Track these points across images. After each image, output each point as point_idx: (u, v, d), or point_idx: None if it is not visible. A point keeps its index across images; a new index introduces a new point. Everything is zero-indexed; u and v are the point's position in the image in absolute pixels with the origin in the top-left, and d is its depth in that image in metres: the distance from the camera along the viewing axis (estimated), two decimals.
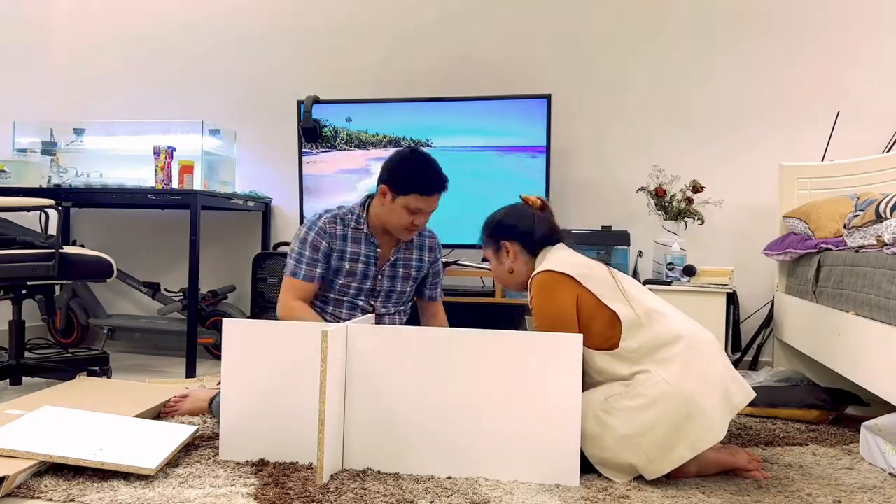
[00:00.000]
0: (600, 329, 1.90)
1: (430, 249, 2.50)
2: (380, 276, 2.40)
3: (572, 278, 1.93)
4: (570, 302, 1.92)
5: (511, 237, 2.11)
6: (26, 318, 2.97)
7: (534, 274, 2.00)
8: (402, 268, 2.44)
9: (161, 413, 2.39)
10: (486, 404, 1.84)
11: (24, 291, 2.85)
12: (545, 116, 3.31)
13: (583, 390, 1.88)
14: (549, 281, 1.95)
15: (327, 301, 2.40)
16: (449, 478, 1.84)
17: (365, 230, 2.38)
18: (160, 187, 3.39)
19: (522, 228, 2.11)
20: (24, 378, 2.92)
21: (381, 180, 2.34)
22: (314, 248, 2.34)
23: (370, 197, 2.42)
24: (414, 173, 2.30)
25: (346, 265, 2.36)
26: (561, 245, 2.10)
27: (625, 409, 1.81)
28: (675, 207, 3.28)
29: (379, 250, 2.40)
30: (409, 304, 2.52)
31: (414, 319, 2.55)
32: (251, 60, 4.01)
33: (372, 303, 2.41)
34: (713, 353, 1.86)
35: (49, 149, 3.71)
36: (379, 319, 2.40)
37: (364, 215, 2.39)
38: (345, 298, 2.39)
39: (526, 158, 3.34)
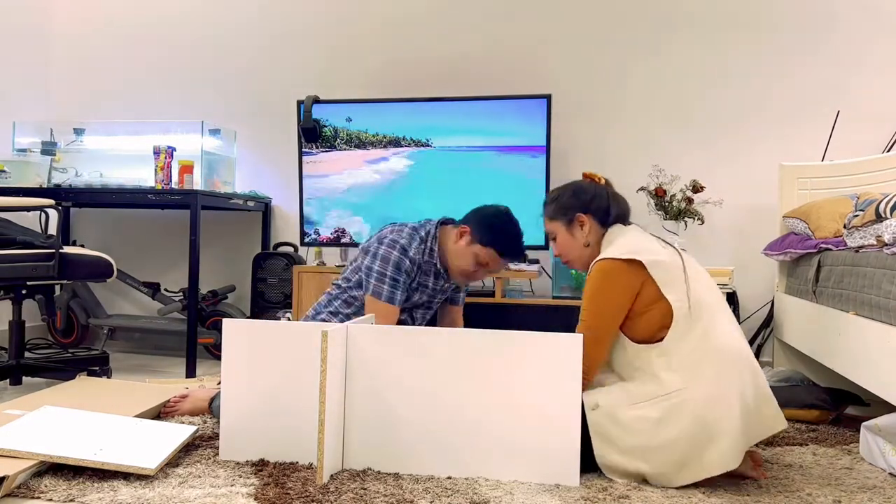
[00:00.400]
0: (655, 319, 1.84)
1: None
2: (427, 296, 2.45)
3: (641, 265, 1.86)
4: (620, 295, 1.85)
5: (587, 210, 2.04)
6: (26, 318, 2.97)
7: (599, 258, 1.93)
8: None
9: (161, 413, 2.39)
10: (486, 404, 1.84)
11: (24, 291, 2.85)
12: (545, 116, 3.31)
13: (611, 381, 1.89)
14: (610, 271, 1.87)
15: (359, 309, 2.39)
16: (449, 478, 1.84)
17: (437, 264, 2.37)
18: (160, 187, 3.39)
19: (599, 202, 2.05)
20: (24, 378, 2.92)
21: (466, 221, 2.36)
22: (407, 275, 2.32)
23: (439, 224, 2.40)
24: (506, 234, 2.32)
25: (416, 296, 2.38)
26: (635, 227, 2.04)
27: (649, 420, 1.78)
28: (675, 207, 3.28)
29: (444, 284, 2.43)
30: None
31: (432, 321, 2.57)
32: (251, 60, 4.01)
33: (413, 314, 2.44)
34: (748, 377, 1.80)
35: (49, 149, 3.71)
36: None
37: (436, 248, 2.37)
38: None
39: (526, 158, 3.34)
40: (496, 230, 2.32)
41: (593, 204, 2.05)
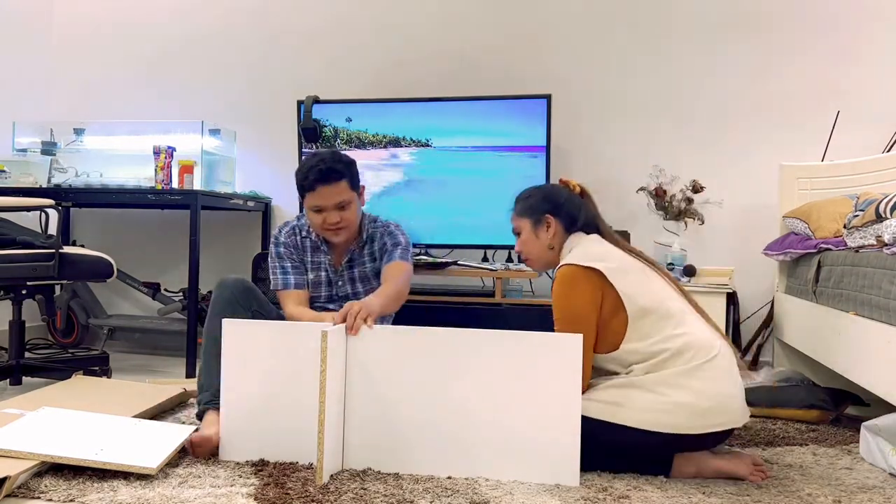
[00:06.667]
0: (619, 328, 1.88)
1: (379, 237, 2.43)
2: (340, 282, 2.43)
3: (600, 273, 1.90)
4: (588, 300, 1.88)
5: (556, 213, 2.07)
6: (26, 318, 2.97)
7: (560, 264, 1.96)
8: (359, 268, 2.44)
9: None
10: (486, 404, 1.84)
11: (24, 291, 2.85)
12: (545, 116, 3.30)
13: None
14: (571, 276, 1.91)
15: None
16: (449, 478, 1.84)
17: (312, 238, 2.40)
18: (160, 187, 3.38)
19: (568, 208, 2.08)
20: (24, 378, 2.92)
21: None
22: (282, 258, 2.38)
23: None
24: (299, 175, 2.28)
25: (311, 275, 2.41)
26: (596, 237, 2.06)
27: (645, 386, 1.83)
28: (675, 207, 3.28)
29: (328, 257, 2.41)
30: None
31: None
32: (251, 60, 4.00)
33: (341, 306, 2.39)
34: (725, 363, 1.85)
35: (49, 149, 3.71)
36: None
37: (308, 223, 2.39)
38: (316, 304, 2.42)
39: (526, 158, 3.34)
40: (297, 178, 2.28)
41: (563, 209, 2.08)
